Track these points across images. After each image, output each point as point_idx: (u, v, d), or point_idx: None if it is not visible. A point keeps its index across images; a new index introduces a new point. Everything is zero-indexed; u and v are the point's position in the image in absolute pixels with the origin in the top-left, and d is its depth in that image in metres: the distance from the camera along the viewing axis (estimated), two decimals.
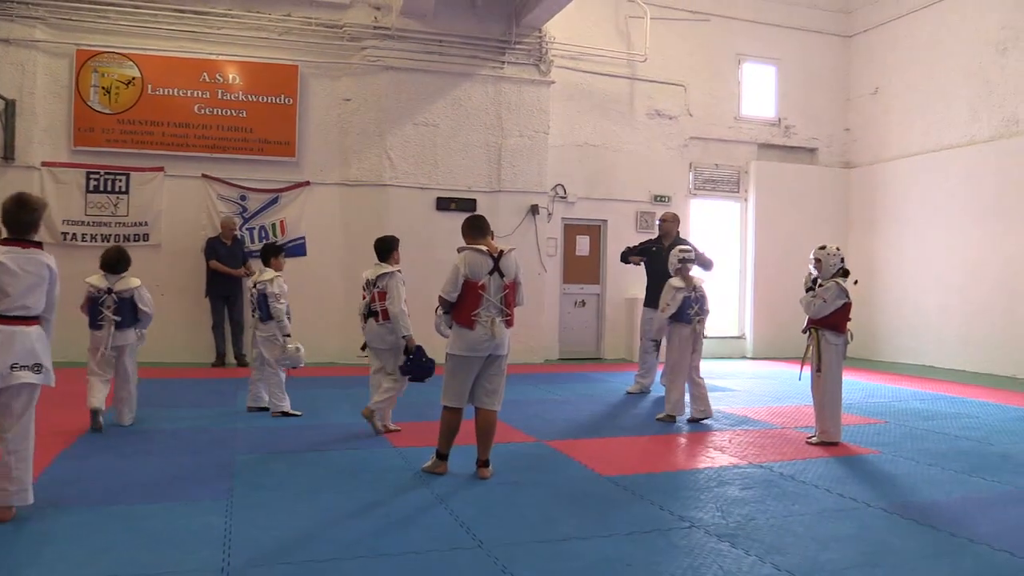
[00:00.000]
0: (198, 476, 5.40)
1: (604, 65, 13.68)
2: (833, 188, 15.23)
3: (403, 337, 6.61)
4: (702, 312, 7.91)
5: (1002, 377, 11.68)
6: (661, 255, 9.29)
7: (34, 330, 4.40)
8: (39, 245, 4.51)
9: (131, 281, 6.91)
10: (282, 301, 7.46)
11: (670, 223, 9.93)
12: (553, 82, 13.06)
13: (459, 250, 5.52)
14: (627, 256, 10.16)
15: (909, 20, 14.09)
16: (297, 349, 7.57)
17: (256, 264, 9.43)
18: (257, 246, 11.26)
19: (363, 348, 7.04)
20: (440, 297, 5.46)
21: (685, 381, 7.91)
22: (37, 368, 4.36)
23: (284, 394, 7.67)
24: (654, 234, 13.67)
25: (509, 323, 5.51)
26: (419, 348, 6.64)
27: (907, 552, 4.21)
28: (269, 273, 7.58)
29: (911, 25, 14.06)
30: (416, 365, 6.61)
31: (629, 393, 9.69)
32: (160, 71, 11.43)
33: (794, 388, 10.19)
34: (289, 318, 7.60)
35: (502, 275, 5.44)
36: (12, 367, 4.26)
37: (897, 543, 4.34)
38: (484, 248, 5.47)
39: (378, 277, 6.75)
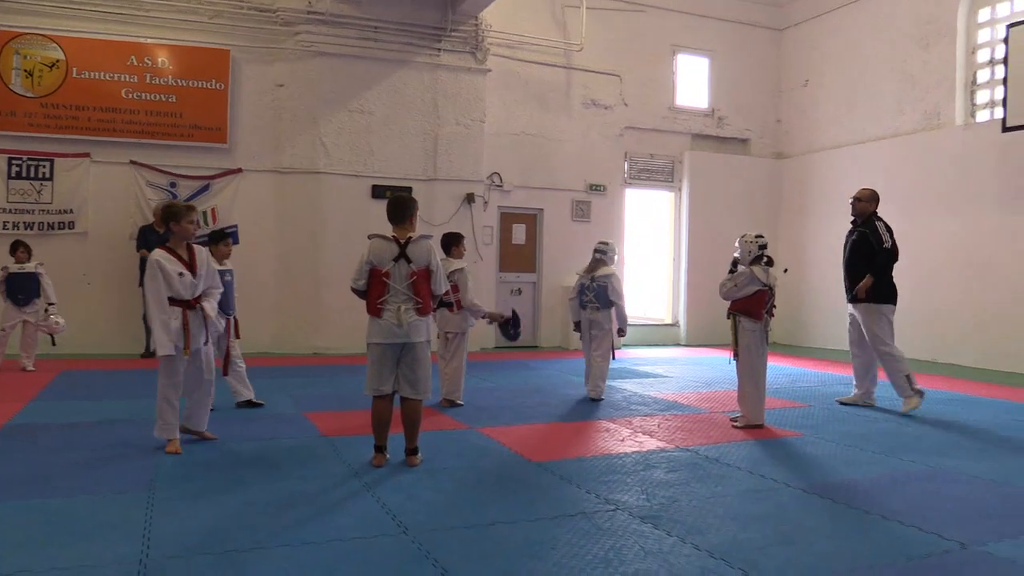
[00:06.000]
0: (120, 469, 5.30)
1: (540, 54, 13.71)
2: (765, 178, 15.56)
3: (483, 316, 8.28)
4: (597, 300, 8.44)
5: (923, 361, 12.07)
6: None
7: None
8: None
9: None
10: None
11: (865, 202, 8.25)
12: (489, 70, 13.05)
13: (368, 237, 5.53)
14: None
15: (839, 14, 14.44)
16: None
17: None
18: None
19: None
20: (351, 287, 5.49)
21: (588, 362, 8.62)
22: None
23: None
24: (590, 222, 13.90)
25: (421, 311, 5.43)
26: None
27: (822, 530, 4.35)
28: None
29: (841, 19, 14.41)
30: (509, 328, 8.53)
31: (842, 403, 8.42)
32: (86, 54, 11.09)
33: (724, 374, 10.41)
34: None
35: (409, 261, 5.42)
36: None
37: (813, 521, 4.48)
38: (391, 235, 5.46)
39: (450, 272, 7.24)
